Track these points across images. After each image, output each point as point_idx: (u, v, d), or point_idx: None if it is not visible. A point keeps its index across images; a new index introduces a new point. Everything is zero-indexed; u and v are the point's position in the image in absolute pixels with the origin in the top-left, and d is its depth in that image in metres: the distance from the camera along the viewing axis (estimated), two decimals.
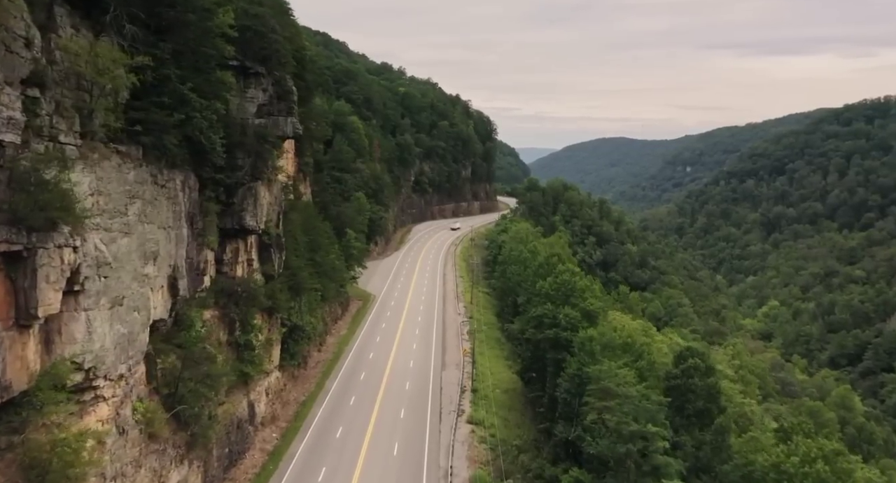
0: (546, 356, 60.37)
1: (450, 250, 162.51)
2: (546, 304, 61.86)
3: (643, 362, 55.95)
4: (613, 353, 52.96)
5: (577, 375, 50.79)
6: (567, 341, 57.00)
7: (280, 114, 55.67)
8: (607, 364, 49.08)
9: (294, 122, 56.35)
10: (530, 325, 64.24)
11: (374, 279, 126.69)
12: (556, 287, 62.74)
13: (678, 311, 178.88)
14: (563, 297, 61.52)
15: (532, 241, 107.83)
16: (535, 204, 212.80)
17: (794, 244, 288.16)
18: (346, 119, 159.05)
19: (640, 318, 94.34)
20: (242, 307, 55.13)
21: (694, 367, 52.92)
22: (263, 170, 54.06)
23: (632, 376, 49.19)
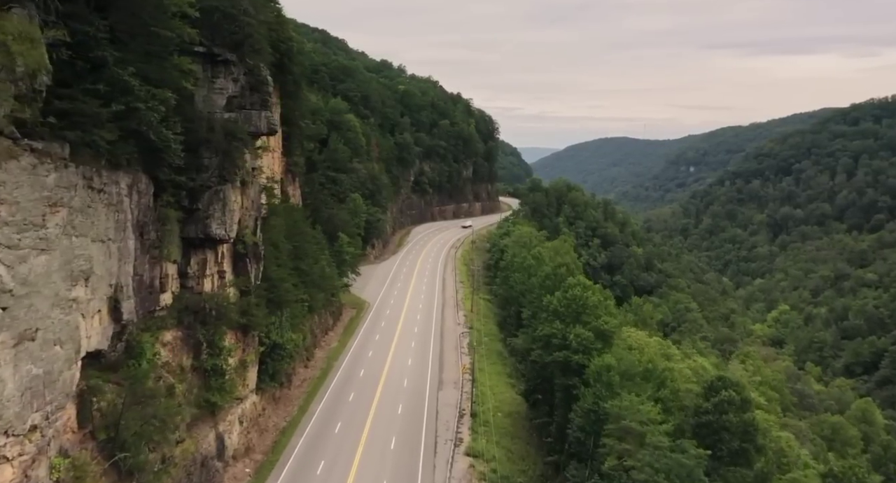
0: (554, 380, 53.51)
1: (450, 253, 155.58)
2: (554, 322, 54.94)
3: (666, 391, 49.12)
4: (633, 382, 46.13)
5: (593, 411, 43.95)
6: (578, 365, 50.14)
7: (253, 107, 48.74)
8: (628, 398, 42.28)
9: (269, 117, 49.38)
10: (537, 346, 57.34)
11: (370, 285, 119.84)
12: (566, 303, 55.76)
13: (686, 316, 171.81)
14: (574, 314, 54.59)
15: (536, 247, 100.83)
16: (539, 205, 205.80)
17: (801, 246, 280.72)
18: (342, 117, 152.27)
19: (656, 333, 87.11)
20: (210, 327, 48.31)
21: (728, 401, 45.93)
22: (234, 171, 47.12)
23: (656, 412, 42.34)
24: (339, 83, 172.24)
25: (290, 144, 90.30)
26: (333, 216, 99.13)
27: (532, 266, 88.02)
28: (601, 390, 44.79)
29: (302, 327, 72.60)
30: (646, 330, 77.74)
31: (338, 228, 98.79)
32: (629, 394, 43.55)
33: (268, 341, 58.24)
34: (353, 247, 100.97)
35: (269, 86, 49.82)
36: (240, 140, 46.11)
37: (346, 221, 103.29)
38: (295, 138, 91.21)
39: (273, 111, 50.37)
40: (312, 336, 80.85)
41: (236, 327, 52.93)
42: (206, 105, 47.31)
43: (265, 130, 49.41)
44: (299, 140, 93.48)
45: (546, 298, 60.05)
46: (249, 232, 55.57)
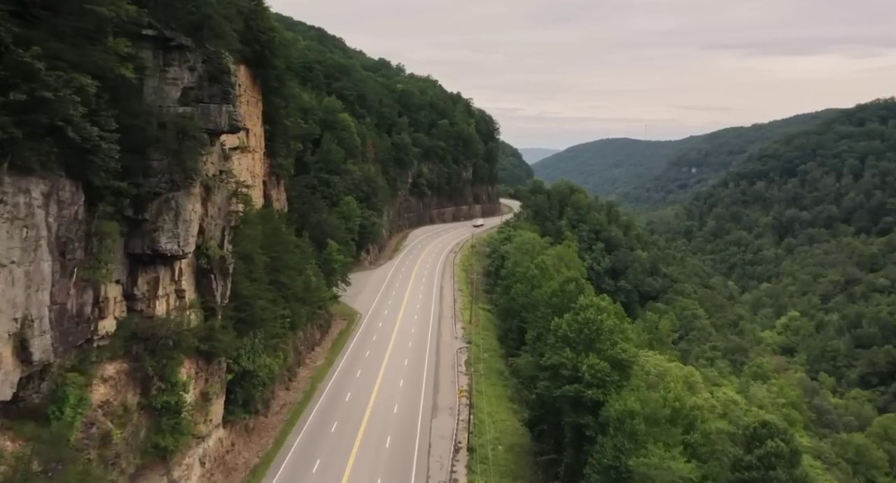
0: (564, 417, 46.40)
1: (448, 258, 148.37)
2: (564, 349, 47.82)
3: (696, 435, 42.06)
4: (659, 428, 39.09)
5: (614, 468, 36.85)
6: (592, 402, 43.08)
7: (213, 100, 41.57)
8: (656, 453, 35.24)
9: (231, 112, 42.22)
10: (544, 375, 50.22)
11: (363, 293, 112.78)
12: (577, 328, 48.65)
13: (694, 324, 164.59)
14: (586, 341, 47.46)
15: (539, 256, 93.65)
16: (540, 207, 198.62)
17: (809, 249, 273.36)
18: (336, 116, 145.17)
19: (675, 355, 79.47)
20: (163, 357, 41.17)
21: (776, 453, 38.76)
22: (189, 174, 39.96)
23: (691, 469, 35.26)
24: (333, 81, 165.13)
25: (275, 145, 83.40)
26: (322, 221, 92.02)
27: (535, 277, 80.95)
28: (623, 442, 37.69)
29: (282, 347, 65.46)
30: (662, 349, 70.51)
31: (327, 235, 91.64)
32: (655, 444, 36.49)
33: (237, 368, 51.07)
34: (344, 254, 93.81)
35: (232, 75, 42.64)
36: (193, 138, 38.89)
37: (337, 227, 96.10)
38: (280, 138, 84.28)
39: (237, 105, 43.08)
40: (296, 354, 73.77)
41: (197, 355, 45.84)
42: (158, 98, 40.22)
43: (225, 127, 42.22)
44: (285, 140, 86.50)
45: (554, 321, 52.84)
46: (215, 244, 48.42)
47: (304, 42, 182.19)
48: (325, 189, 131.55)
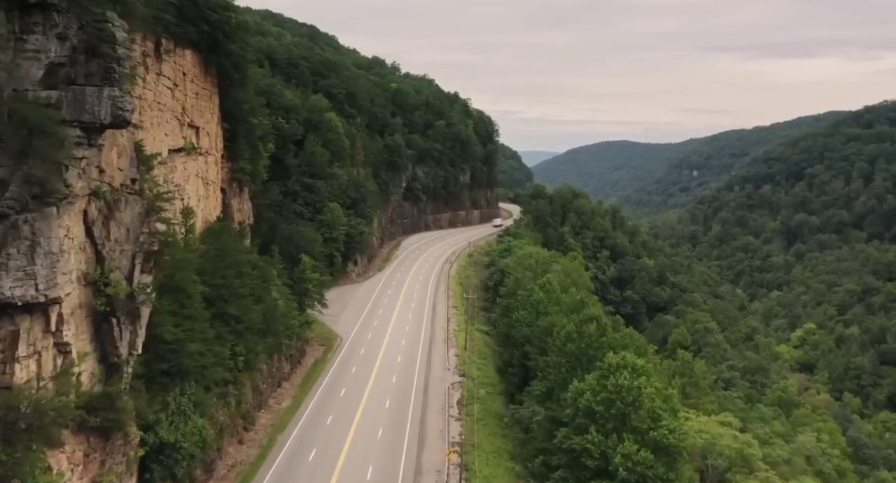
0: None
1: (443, 270, 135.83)
2: (588, 429, 35.51)
3: None
4: None
5: None
6: None
7: (90, 82, 29.06)
8: None
9: (118, 99, 29.68)
10: (559, 460, 37.82)
11: (347, 311, 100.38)
12: (607, 400, 36.09)
13: (707, 339, 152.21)
14: (619, 417, 35.17)
15: (544, 274, 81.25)
16: (542, 213, 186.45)
17: (820, 256, 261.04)
18: (321, 116, 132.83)
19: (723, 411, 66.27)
20: (22, 443, 28.68)
21: None
22: (50, 188, 27.51)
23: None
24: (321, 79, 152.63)
25: (236, 146, 70.91)
26: (295, 234, 79.45)
27: (541, 301, 68.77)
28: None
29: (233, 393, 53.10)
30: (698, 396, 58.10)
31: (301, 249, 79.10)
32: None
33: (153, 439, 38.58)
34: (320, 271, 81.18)
35: (120, 46, 30.03)
36: (48, 136, 26.39)
37: (313, 239, 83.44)
38: (243, 138, 71.77)
39: (125, 88, 30.50)
40: (256, 394, 61.27)
41: (88, 431, 33.40)
42: (12, 78, 27.79)
43: (107, 119, 29.66)
44: (251, 140, 73.99)
45: (573, 386, 40.32)
46: (120, 277, 36.00)
47: (290, 37, 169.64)
48: (308, 195, 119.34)
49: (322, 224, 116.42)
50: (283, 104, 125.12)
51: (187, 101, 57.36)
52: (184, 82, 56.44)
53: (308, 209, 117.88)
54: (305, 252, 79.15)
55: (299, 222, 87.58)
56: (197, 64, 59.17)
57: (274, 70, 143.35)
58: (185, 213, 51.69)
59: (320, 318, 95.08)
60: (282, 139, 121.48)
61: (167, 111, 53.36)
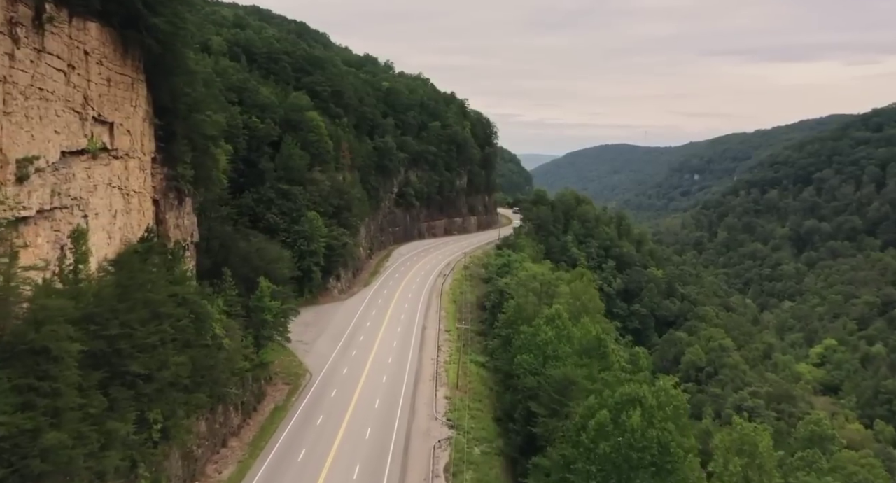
0: None
1: (436, 285, 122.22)
2: None
3: None
4: None
5: None
6: None
7: None
8: None
9: None
10: None
11: (324, 336, 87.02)
12: None
13: (724, 360, 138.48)
14: None
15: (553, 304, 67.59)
16: (544, 220, 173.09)
17: (833, 264, 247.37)
18: (302, 115, 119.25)
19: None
20: None
21: None
22: None
23: None
24: (304, 76, 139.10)
25: (174, 147, 57.17)
26: (254, 253, 65.58)
27: (549, 342, 55.35)
28: None
29: (144, 476, 39.32)
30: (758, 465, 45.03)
31: (261, 271, 65.34)
32: None
33: None
34: (286, 296, 67.22)
35: None
36: None
37: (277, 259, 69.50)
38: (182, 138, 58.06)
39: None
40: (188, 463, 47.59)
41: None
42: None
43: None
44: (194, 141, 60.24)
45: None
46: None
47: (272, 31, 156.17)
48: (284, 203, 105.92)
49: (299, 236, 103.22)
50: (257, 102, 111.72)
51: (92, 88, 43.74)
52: (85, 64, 42.81)
53: (284, 219, 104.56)
54: (266, 274, 65.47)
55: (261, 237, 73.55)
56: (107, 42, 45.51)
57: (252, 65, 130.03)
58: (74, 238, 38.03)
59: (291, 348, 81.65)
60: (255, 140, 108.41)
61: (57, 101, 39.77)
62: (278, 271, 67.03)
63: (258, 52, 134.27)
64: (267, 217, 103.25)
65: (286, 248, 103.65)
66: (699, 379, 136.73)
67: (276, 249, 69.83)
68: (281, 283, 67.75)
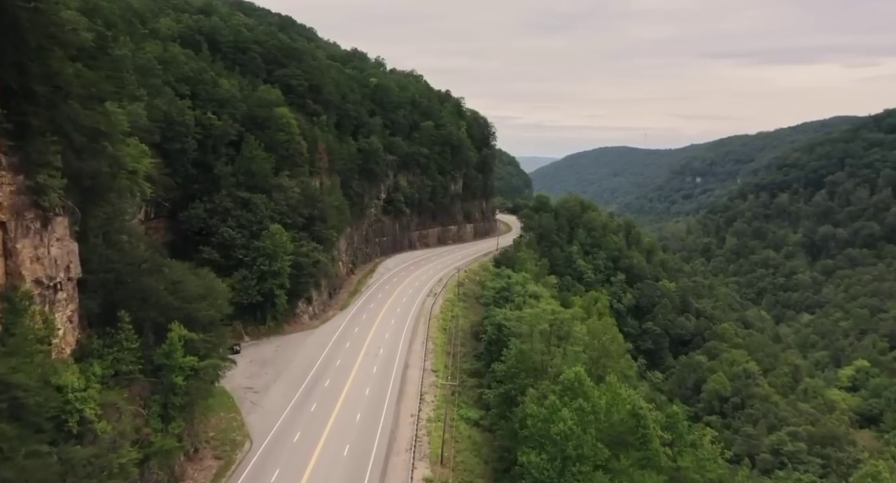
0: None
1: (425, 307, 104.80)
2: None
3: None
4: None
5: None
6: None
7: None
8: None
9: None
10: None
11: (279, 382, 69.89)
12: None
13: (752, 389, 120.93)
14: None
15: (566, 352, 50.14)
16: (547, 229, 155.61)
17: (852, 273, 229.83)
18: (271, 111, 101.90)
19: None
20: None
21: None
22: None
23: None
24: (277, 68, 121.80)
25: (34, 146, 39.57)
26: (160, 293, 47.38)
27: (571, 436, 38.17)
28: None
29: None
30: None
31: (177, 313, 47.68)
32: None
33: None
34: (206, 351, 49.30)
35: None
36: None
37: (201, 296, 51.33)
38: (49, 133, 40.50)
39: None
40: None
41: None
42: None
43: None
44: (74, 138, 42.61)
45: None
46: None
47: (244, 18, 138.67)
48: (243, 214, 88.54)
49: (259, 253, 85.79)
50: (215, 96, 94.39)
51: None
52: None
53: (241, 233, 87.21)
54: (185, 317, 47.99)
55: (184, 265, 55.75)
56: None
57: (215, 55, 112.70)
58: None
59: (236, 399, 64.36)
60: (211, 140, 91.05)
61: None
62: (201, 312, 49.42)
63: (224, 40, 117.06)
64: (221, 231, 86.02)
65: (245, 267, 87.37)
66: (724, 410, 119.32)
67: (200, 282, 52.05)
68: (206, 329, 50.05)
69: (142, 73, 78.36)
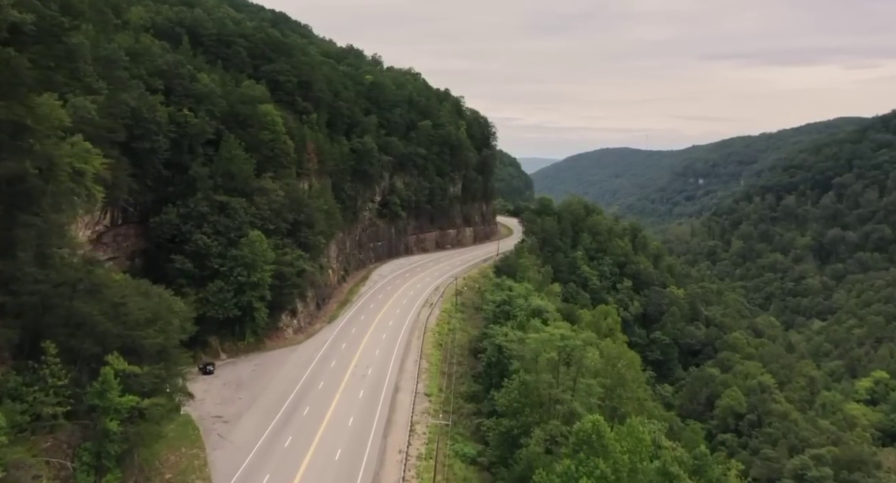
0: None
1: (420, 319, 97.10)
2: None
3: None
4: None
5: None
6: None
7: None
8: None
9: None
10: None
11: (252, 410, 62.29)
12: None
13: (769, 406, 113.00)
14: None
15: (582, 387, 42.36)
16: (549, 234, 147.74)
17: (864, 278, 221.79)
18: (254, 108, 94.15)
19: None
20: None
21: None
22: None
23: None
24: (265, 63, 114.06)
25: None
26: (95, 319, 39.15)
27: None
28: None
29: None
30: None
31: (115, 343, 39.79)
32: None
33: None
34: (150, 390, 41.25)
35: None
36: None
37: (149, 321, 43.07)
38: None
39: None
40: None
41: None
42: None
43: None
44: None
45: None
46: None
47: (226, 10, 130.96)
48: (220, 219, 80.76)
49: (237, 263, 78.00)
50: (192, 91, 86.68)
51: None
52: None
53: (218, 241, 79.42)
54: (128, 347, 40.13)
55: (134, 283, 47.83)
56: None
57: (197, 49, 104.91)
58: None
59: (201, 429, 56.57)
60: (187, 139, 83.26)
61: None
62: (148, 340, 41.59)
63: (206, 33, 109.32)
64: (195, 238, 78.21)
65: (221, 278, 79.62)
66: (739, 428, 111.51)
67: (149, 304, 43.94)
68: (154, 360, 42.21)
69: (104, 64, 70.63)
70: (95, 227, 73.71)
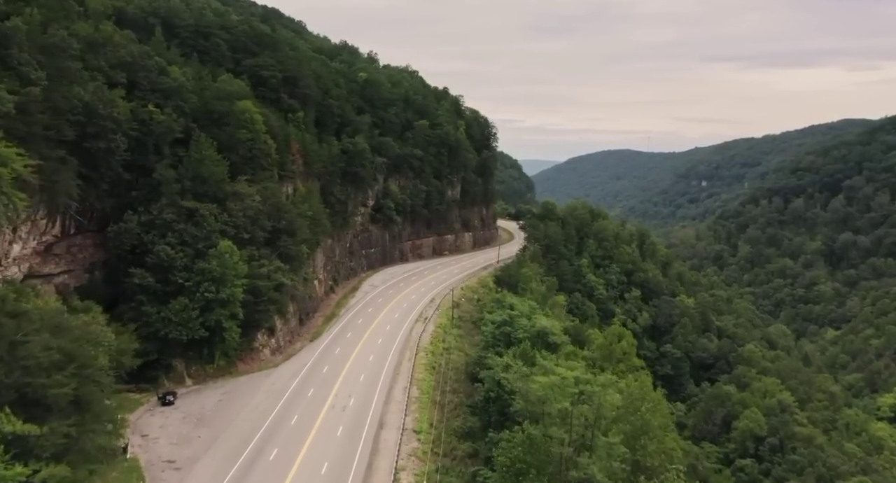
0: None
1: (413, 335, 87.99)
2: None
3: None
4: None
5: None
6: None
7: None
8: None
9: None
10: None
11: (210, 455, 53.27)
12: None
13: (792, 428, 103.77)
14: None
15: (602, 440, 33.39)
16: (553, 240, 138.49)
17: (878, 284, 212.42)
18: (231, 105, 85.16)
19: None
20: None
21: None
22: None
23: None
24: (247, 57, 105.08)
25: None
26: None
27: None
28: None
29: None
30: None
31: (9, 394, 30.90)
32: None
33: None
34: (53, 455, 32.30)
35: None
36: None
37: (59, 364, 33.69)
38: None
39: None
40: None
41: None
42: None
43: None
44: None
45: None
46: None
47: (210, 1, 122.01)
48: (187, 228, 71.79)
49: (204, 277, 68.98)
50: (159, 85, 77.71)
51: None
52: None
53: (184, 252, 70.45)
54: (23, 400, 31.19)
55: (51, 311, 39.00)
56: None
57: (171, 40, 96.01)
58: None
59: (149, 478, 47.61)
60: (152, 138, 74.37)
61: None
62: (53, 389, 32.61)
63: (182, 24, 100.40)
64: (158, 250, 69.20)
65: (186, 295, 70.64)
66: (760, 452, 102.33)
67: (58, 342, 34.66)
68: (62, 414, 33.21)
69: (48, 53, 61.73)
70: (42, 238, 64.96)
